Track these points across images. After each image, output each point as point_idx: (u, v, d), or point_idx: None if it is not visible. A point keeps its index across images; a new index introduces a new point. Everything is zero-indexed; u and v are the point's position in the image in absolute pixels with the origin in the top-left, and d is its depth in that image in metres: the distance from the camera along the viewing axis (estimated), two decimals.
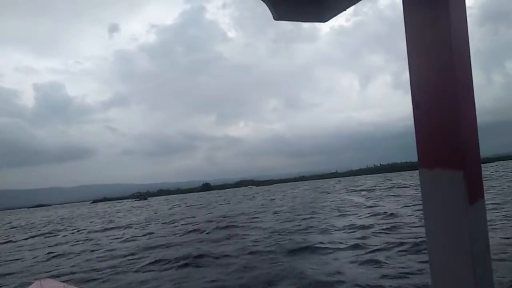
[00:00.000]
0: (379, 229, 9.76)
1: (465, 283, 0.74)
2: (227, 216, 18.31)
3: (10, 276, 8.85)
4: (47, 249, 13.14)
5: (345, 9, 1.18)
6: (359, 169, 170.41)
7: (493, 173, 35.59)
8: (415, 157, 0.83)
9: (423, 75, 0.82)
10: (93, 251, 11.51)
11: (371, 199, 19.81)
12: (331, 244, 8.49)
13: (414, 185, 28.40)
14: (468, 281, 0.73)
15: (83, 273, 8.26)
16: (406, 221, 10.48)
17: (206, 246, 9.91)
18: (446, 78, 0.76)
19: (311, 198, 27.28)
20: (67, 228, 22.89)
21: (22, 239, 18.28)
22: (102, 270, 8.37)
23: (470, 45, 0.80)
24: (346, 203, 19.08)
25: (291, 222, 13.28)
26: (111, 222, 23.90)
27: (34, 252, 12.78)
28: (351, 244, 8.20)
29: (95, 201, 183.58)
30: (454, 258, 0.75)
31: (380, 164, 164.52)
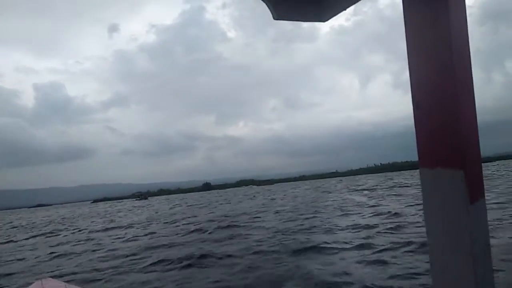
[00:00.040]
0: (383, 228, 9.67)
1: (465, 282, 0.74)
2: (228, 216, 18.22)
3: (13, 276, 8.79)
4: (49, 249, 13.07)
5: (345, 9, 1.19)
6: (359, 168, 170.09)
7: (494, 172, 35.54)
8: (415, 156, 0.84)
9: (423, 74, 0.82)
10: (94, 251, 11.44)
11: (374, 199, 19.70)
12: (336, 244, 8.40)
13: (415, 184, 28.32)
14: (469, 280, 0.73)
15: (85, 273, 8.19)
16: (410, 220, 10.39)
17: (209, 246, 9.82)
18: (446, 78, 0.76)
19: (312, 197, 27.19)
20: (68, 228, 22.82)
21: (23, 239, 18.21)
22: (104, 270, 8.29)
23: (470, 44, 0.80)
24: (349, 202, 18.97)
25: (294, 221, 13.20)
26: (112, 222, 23.83)
27: (35, 252, 12.71)
28: (356, 244, 8.11)
29: (96, 201, 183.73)
30: (455, 257, 0.76)
31: (381, 163, 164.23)
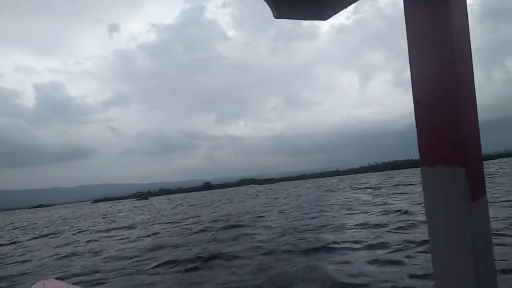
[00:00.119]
0: (394, 227, 9.46)
1: (467, 280, 0.73)
2: (232, 215, 18.03)
3: (15, 277, 8.61)
4: (51, 250, 12.88)
5: (345, 7, 1.18)
6: (360, 167, 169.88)
7: (498, 170, 35.31)
8: (416, 154, 0.84)
9: (424, 72, 0.81)
10: (97, 252, 11.26)
11: (379, 197, 19.47)
12: (346, 243, 8.20)
13: (419, 182, 28.06)
14: (471, 278, 0.73)
15: (88, 275, 8.00)
16: (420, 219, 10.18)
17: (215, 246, 9.64)
18: (447, 75, 0.76)
19: (316, 196, 26.97)
20: (70, 228, 22.63)
21: (26, 240, 18.03)
22: (107, 272, 8.10)
23: (471, 42, 0.80)
24: (353, 201, 18.74)
25: (300, 221, 13.01)
26: (113, 223, 23.63)
27: (38, 253, 12.53)
28: (368, 243, 7.90)
29: (96, 201, 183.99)
30: (456, 255, 0.75)
31: (382, 162, 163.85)
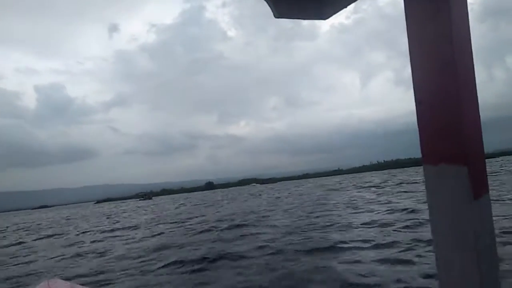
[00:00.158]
0: (401, 226, 9.39)
1: (470, 278, 0.73)
2: (236, 215, 17.99)
3: (21, 278, 8.59)
4: (56, 251, 12.88)
5: (345, 6, 1.17)
6: (362, 166, 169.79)
7: (501, 168, 35.11)
8: (418, 153, 0.83)
9: (425, 70, 0.80)
10: (102, 252, 11.24)
11: (383, 195, 19.36)
12: (354, 242, 8.13)
13: (423, 180, 27.91)
14: (474, 277, 0.73)
15: (93, 275, 7.97)
16: (427, 217, 10.08)
17: (220, 246, 9.60)
18: (448, 73, 0.75)
19: (319, 195, 26.88)
20: (74, 229, 22.63)
21: (30, 240, 18.04)
22: (113, 272, 8.08)
23: (471, 39, 0.78)
24: (358, 199, 18.65)
25: (305, 220, 12.96)
26: (118, 223, 23.63)
27: (42, 253, 12.52)
28: (376, 242, 7.83)
29: (99, 201, 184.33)
30: (460, 253, 0.75)
31: (384, 160, 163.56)
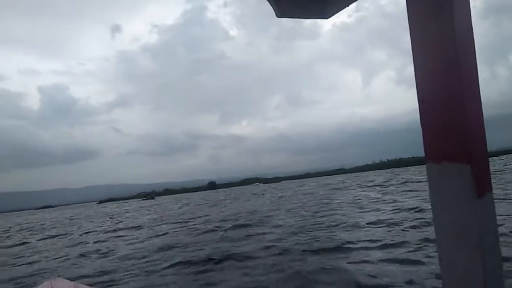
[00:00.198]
0: (408, 225, 9.26)
1: (474, 277, 0.73)
2: (240, 214, 17.90)
3: (25, 278, 8.53)
4: (59, 251, 12.83)
5: (347, 5, 1.17)
6: (365, 164, 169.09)
7: (506, 167, 34.83)
8: (422, 152, 0.82)
9: (428, 68, 0.80)
10: (106, 253, 11.19)
11: (388, 194, 19.17)
12: (361, 242, 8.01)
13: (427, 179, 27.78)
14: (477, 276, 0.73)
15: (98, 276, 7.91)
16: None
17: (225, 246, 9.51)
18: (451, 71, 0.75)
19: (323, 194, 26.72)
20: (77, 229, 22.60)
21: (34, 240, 18.01)
22: (117, 272, 8.01)
23: (474, 36, 0.78)
24: (363, 199, 18.50)
25: (310, 219, 12.85)
26: (121, 223, 23.59)
27: (46, 254, 12.46)
28: (384, 242, 7.70)
29: (101, 201, 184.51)
30: (463, 252, 0.75)
31: (387, 159, 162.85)
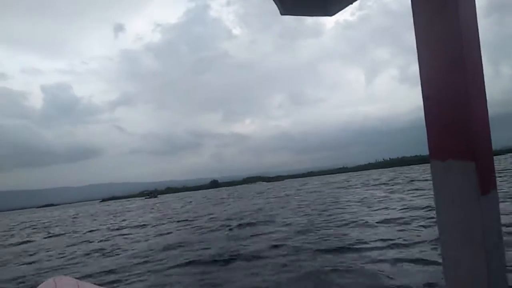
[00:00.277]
0: (420, 225, 9.04)
1: (478, 276, 0.74)
2: (245, 213, 17.71)
3: (28, 277, 8.39)
4: (63, 249, 12.69)
5: (351, 3, 1.16)
6: (368, 163, 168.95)
7: None
8: (425, 150, 0.81)
9: (432, 66, 0.79)
10: (110, 251, 11.04)
11: (395, 193, 18.95)
12: (373, 242, 7.76)
13: None
14: (482, 273, 0.73)
15: (101, 275, 7.75)
16: None
17: (232, 245, 9.32)
18: (456, 68, 0.74)
19: (328, 193, 26.49)
20: (81, 227, 22.49)
21: (37, 239, 17.91)
22: (122, 272, 7.86)
23: (479, 33, 0.78)
24: (370, 197, 18.25)
25: (318, 218, 12.62)
26: (125, 221, 23.45)
27: (49, 252, 12.33)
28: (396, 241, 7.46)
29: (104, 200, 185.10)
30: (467, 249, 0.75)
31: (390, 158, 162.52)
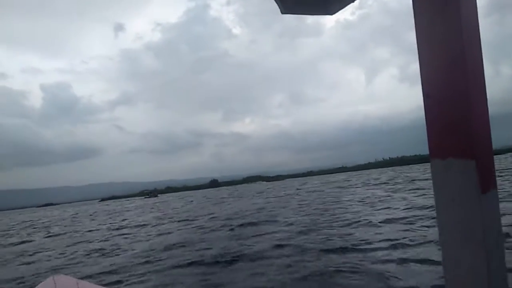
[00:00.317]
0: (424, 224, 8.95)
1: (478, 275, 0.74)
2: (246, 212, 17.63)
3: (27, 277, 8.30)
4: (63, 249, 12.62)
5: (352, 1, 1.16)
6: (367, 163, 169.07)
7: None
8: (424, 150, 0.81)
9: (433, 64, 0.79)
10: (110, 251, 10.96)
11: (397, 192, 18.89)
12: (377, 242, 7.70)
13: None
14: (482, 272, 0.73)
15: (102, 275, 7.68)
16: None
17: (234, 245, 9.23)
18: (457, 67, 0.74)
19: (329, 192, 26.41)
20: (81, 227, 22.41)
21: (36, 239, 17.82)
22: (122, 272, 7.78)
23: (480, 32, 0.78)
24: (372, 197, 18.17)
25: (320, 218, 12.54)
26: (125, 221, 23.36)
27: (49, 252, 12.24)
28: (402, 241, 7.38)
29: (103, 199, 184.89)
30: (467, 247, 0.75)
31: (389, 157, 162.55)
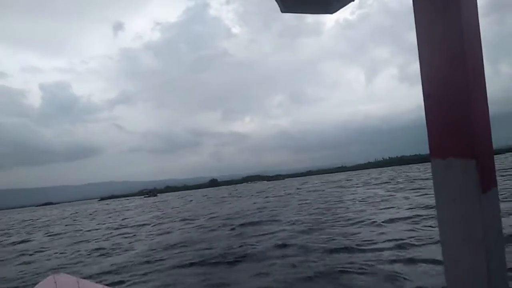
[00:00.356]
0: (428, 224, 8.86)
1: (478, 275, 0.74)
2: (247, 212, 17.55)
3: (27, 276, 8.21)
4: (63, 249, 12.52)
5: (352, 0, 1.15)
6: (367, 162, 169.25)
7: None
8: (424, 150, 0.71)
9: (434, 64, 0.79)
10: (110, 251, 10.87)
11: (399, 192, 18.81)
12: (382, 243, 7.60)
13: None
14: (482, 270, 0.73)
15: (103, 275, 7.59)
16: None
17: (236, 245, 9.14)
18: (457, 67, 0.74)
19: (330, 192, 26.33)
20: (80, 226, 22.32)
21: (36, 238, 17.72)
22: (123, 272, 7.69)
23: (480, 32, 0.78)
24: (373, 196, 18.09)
25: (322, 217, 12.44)
26: (124, 220, 23.27)
27: (49, 252, 12.17)
28: (408, 241, 7.28)
29: (103, 198, 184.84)
30: (467, 247, 0.74)
31: (389, 157, 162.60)
